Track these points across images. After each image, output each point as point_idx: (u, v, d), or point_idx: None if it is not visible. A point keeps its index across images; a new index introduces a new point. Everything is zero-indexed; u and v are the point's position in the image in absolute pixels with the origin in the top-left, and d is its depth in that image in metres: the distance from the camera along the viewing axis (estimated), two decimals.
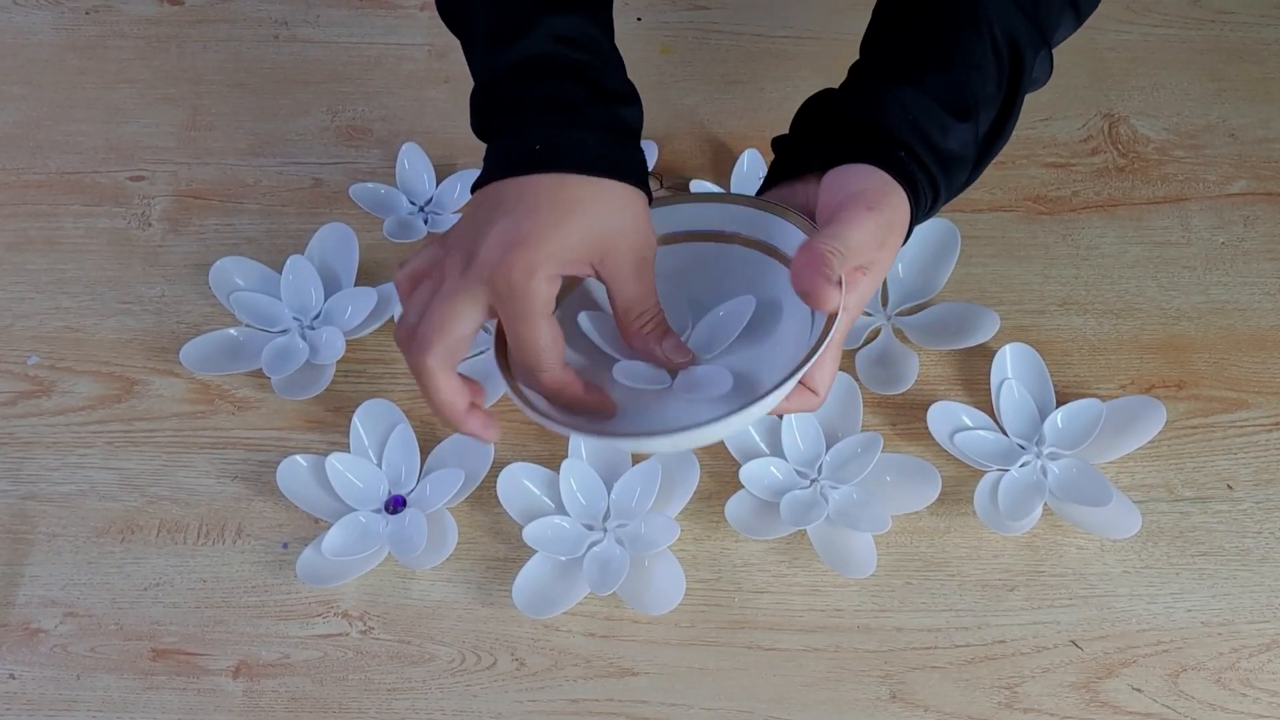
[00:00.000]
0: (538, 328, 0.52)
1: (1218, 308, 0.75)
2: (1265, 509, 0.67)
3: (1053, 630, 0.63)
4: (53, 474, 0.68)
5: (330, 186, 0.80)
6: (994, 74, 0.58)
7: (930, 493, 0.65)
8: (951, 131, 0.56)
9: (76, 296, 0.75)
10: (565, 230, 0.52)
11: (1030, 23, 0.58)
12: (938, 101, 0.56)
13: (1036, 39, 0.59)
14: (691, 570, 0.64)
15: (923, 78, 0.57)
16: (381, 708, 0.61)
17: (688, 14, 0.90)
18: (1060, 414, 0.68)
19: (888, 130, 0.56)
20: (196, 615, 0.64)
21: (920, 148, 0.56)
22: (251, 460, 0.69)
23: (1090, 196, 0.80)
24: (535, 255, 0.51)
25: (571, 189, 0.53)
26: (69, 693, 0.61)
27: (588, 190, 0.53)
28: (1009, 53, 0.58)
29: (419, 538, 0.63)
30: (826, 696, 0.61)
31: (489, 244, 0.52)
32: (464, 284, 0.52)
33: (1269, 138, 0.83)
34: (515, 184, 0.53)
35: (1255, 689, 0.61)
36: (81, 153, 0.82)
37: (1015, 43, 0.58)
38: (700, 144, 0.82)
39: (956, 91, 0.57)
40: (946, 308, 0.73)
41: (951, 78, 0.57)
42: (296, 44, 0.89)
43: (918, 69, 0.57)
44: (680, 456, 0.66)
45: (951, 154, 0.57)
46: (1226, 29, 0.89)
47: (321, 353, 0.71)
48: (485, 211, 0.54)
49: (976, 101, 0.57)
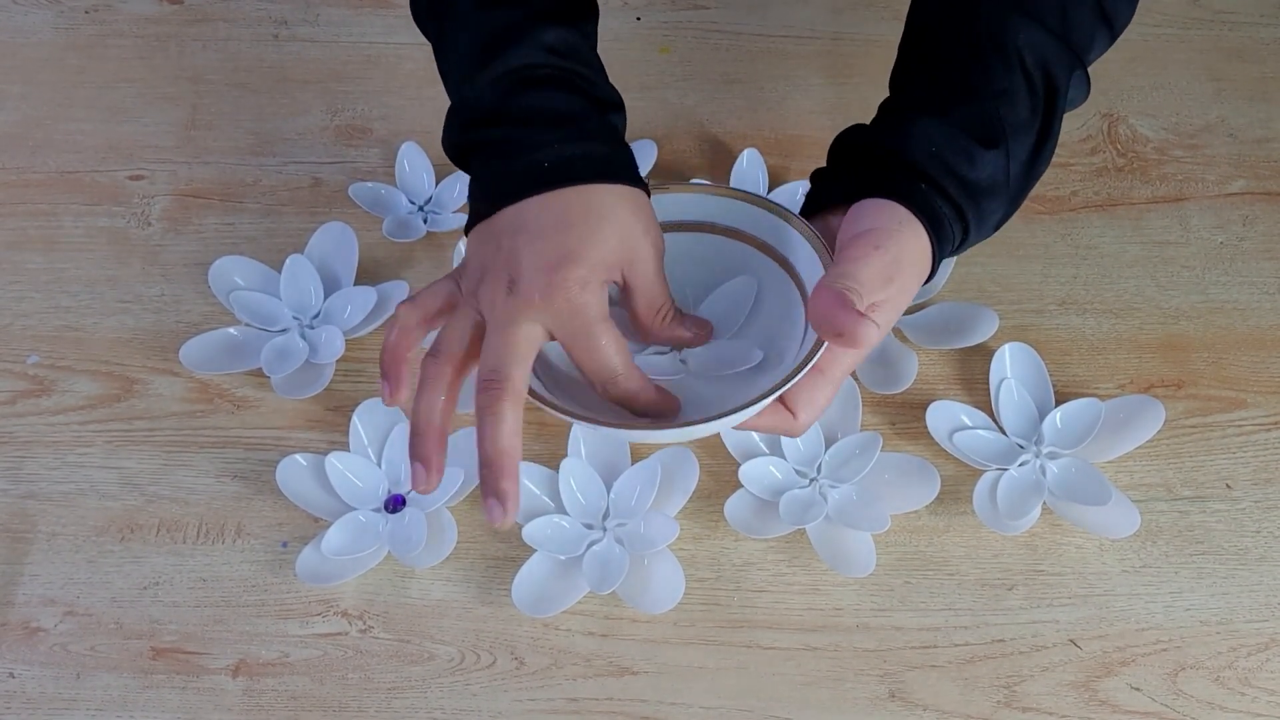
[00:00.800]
0: (607, 337, 0.52)
1: (1217, 307, 0.75)
2: (1264, 508, 0.67)
3: (1052, 629, 0.63)
4: (52, 473, 0.68)
5: (330, 186, 0.80)
6: (1026, 100, 0.57)
7: (929, 492, 0.65)
8: (979, 160, 0.56)
9: (76, 295, 0.75)
10: (603, 239, 0.52)
11: (1061, 44, 0.57)
12: (964, 131, 0.56)
13: (1069, 60, 0.58)
14: (691, 569, 0.64)
15: (948, 108, 0.57)
16: (381, 707, 0.61)
17: (687, 14, 0.90)
18: (1059, 413, 0.68)
19: (910, 162, 0.56)
20: (196, 614, 0.64)
21: (945, 179, 0.55)
22: (251, 459, 0.69)
23: (1089, 196, 0.80)
24: (585, 268, 0.51)
25: (597, 198, 0.53)
26: (68, 691, 0.61)
27: (611, 198, 0.54)
28: (1041, 77, 0.57)
29: (418, 537, 0.63)
30: (826, 695, 0.61)
31: (532, 266, 0.52)
32: (517, 311, 0.51)
33: (1268, 138, 0.83)
34: (535, 204, 0.53)
35: (1254, 688, 0.61)
36: (81, 152, 0.82)
37: (1046, 66, 0.57)
38: (700, 144, 0.82)
39: (983, 120, 0.56)
40: (946, 307, 0.73)
41: (978, 107, 0.56)
42: (296, 43, 0.89)
43: (942, 100, 0.57)
44: (680, 456, 0.66)
45: (980, 184, 0.56)
46: (1226, 29, 0.89)
47: (321, 352, 0.71)
48: (509, 237, 0.53)
49: (1005, 129, 0.56)
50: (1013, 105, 0.57)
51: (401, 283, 0.74)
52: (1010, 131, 0.57)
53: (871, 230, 0.54)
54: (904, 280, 0.54)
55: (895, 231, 0.54)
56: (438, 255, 0.77)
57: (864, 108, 0.61)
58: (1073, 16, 0.58)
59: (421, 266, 0.76)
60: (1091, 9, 0.59)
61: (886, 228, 0.54)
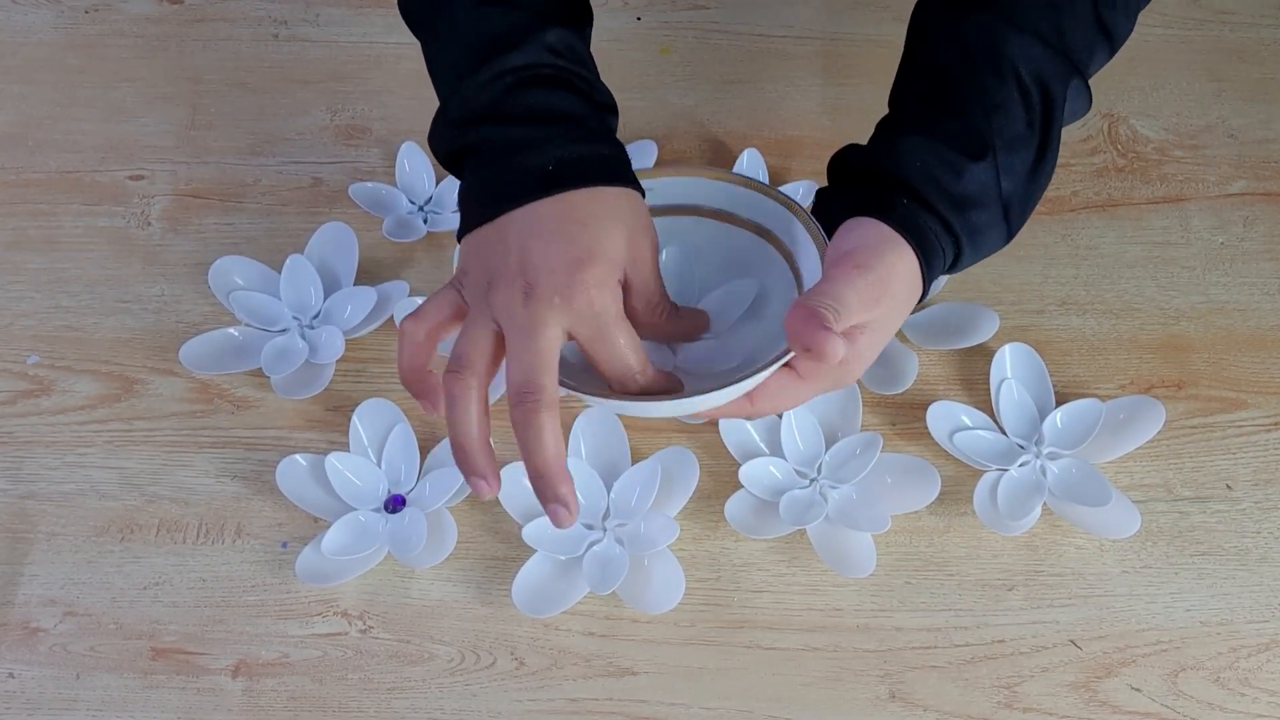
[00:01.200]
0: (625, 336, 0.53)
1: (1217, 308, 0.75)
2: (1264, 509, 0.67)
3: (1052, 630, 0.63)
4: (52, 473, 0.68)
5: (330, 186, 0.80)
6: (1021, 113, 0.57)
7: (929, 492, 0.65)
8: (965, 173, 0.56)
9: (76, 296, 0.75)
10: (615, 239, 0.53)
11: (1058, 55, 0.57)
12: (950, 145, 0.56)
13: (1066, 70, 0.58)
14: (691, 570, 0.64)
15: (936, 124, 0.57)
16: (381, 707, 0.61)
17: (688, 14, 0.90)
18: (1059, 414, 0.68)
19: (894, 179, 0.56)
20: (196, 614, 0.64)
21: (931, 193, 0.55)
22: (251, 459, 0.69)
23: (1090, 196, 0.80)
24: (602, 268, 0.52)
25: (605, 200, 0.54)
26: (68, 692, 0.61)
27: (616, 199, 0.54)
28: (1037, 90, 0.57)
29: (418, 537, 0.63)
30: (825, 696, 0.61)
31: (548, 268, 0.51)
32: (538, 316, 0.51)
33: (1269, 138, 0.83)
34: (546, 205, 0.53)
35: (1254, 688, 0.61)
36: (81, 152, 0.82)
37: (1043, 79, 0.57)
38: (699, 143, 0.82)
39: (970, 133, 0.56)
40: (946, 307, 0.73)
41: (966, 121, 0.56)
42: (296, 43, 0.89)
43: (933, 116, 0.57)
44: (680, 457, 0.66)
45: (967, 197, 0.56)
46: (1226, 29, 0.89)
47: (321, 352, 0.71)
48: (517, 239, 0.53)
49: (994, 141, 0.56)
50: (1006, 118, 0.57)
51: (402, 283, 0.74)
52: (1000, 144, 0.56)
53: (855, 249, 0.54)
54: (892, 300, 0.54)
55: (879, 249, 0.54)
56: (438, 255, 0.77)
57: (863, 108, 0.61)
58: (1070, 29, 0.58)
59: (421, 266, 0.76)
60: (1089, 21, 0.59)
61: (870, 246, 0.54)
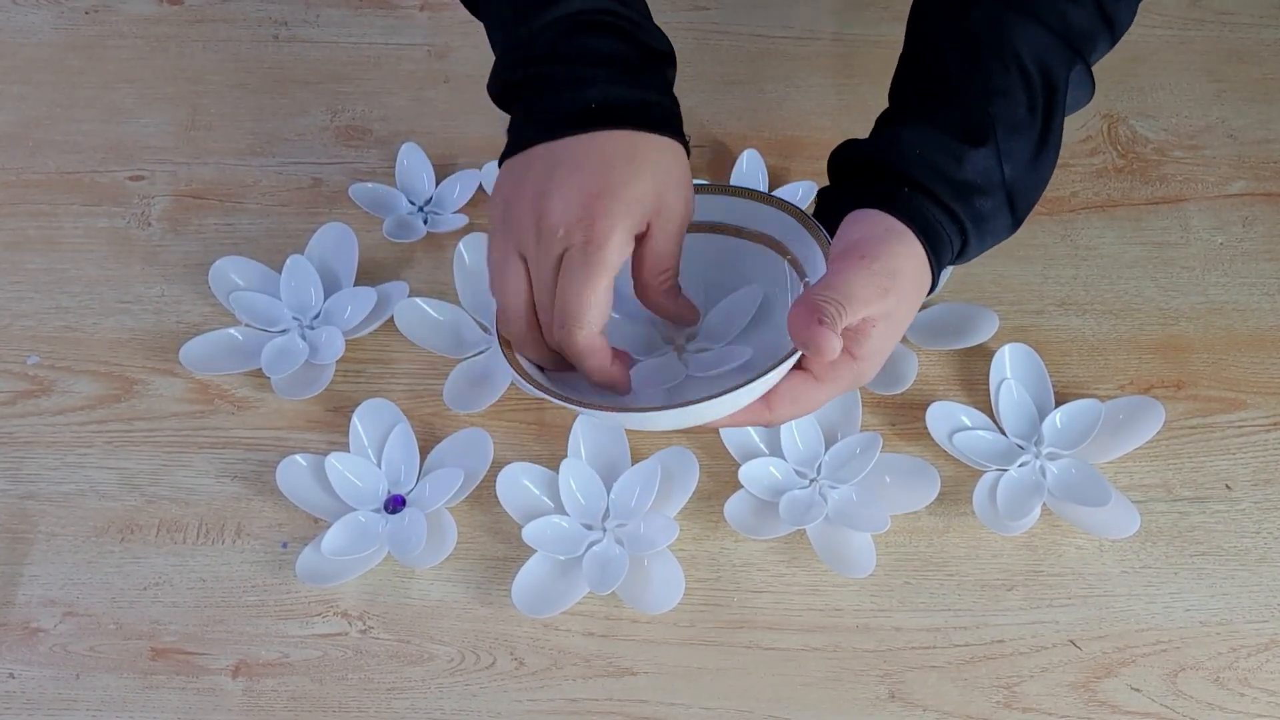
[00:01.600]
0: (600, 282, 0.52)
1: (1216, 308, 0.75)
2: (1263, 509, 0.67)
3: (1051, 630, 0.63)
4: (52, 473, 0.68)
5: (330, 186, 0.80)
6: (1024, 99, 0.57)
7: (929, 493, 0.65)
8: (966, 160, 0.56)
9: (76, 296, 0.75)
10: (640, 186, 0.52)
11: (1060, 41, 0.57)
12: (950, 132, 0.56)
13: (1068, 56, 0.58)
14: (690, 570, 0.64)
15: (937, 112, 0.57)
16: (381, 707, 0.61)
17: (688, 14, 0.90)
18: (1059, 414, 0.68)
19: (895, 169, 0.55)
20: (196, 615, 0.64)
21: (933, 181, 0.55)
22: (251, 460, 0.69)
23: (1089, 197, 0.80)
24: (616, 208, 0.51)
25: (640, 145, 0.53)
26: (68, 692, 0.61)
27: (653, 146, 0.53)
28: (1040, 75, 0.57)
29: (418, 537, 0.63)
30: (825, 696, 0.61)
31: (562, 197, 0.51)
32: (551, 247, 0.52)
33: (1268, 138, 0.83)
34: (577, 142, 0.53)
35: (1253, 688, 0.61)
36: (81, 152, 0.82)
37: (1045, 64, 0.57)
38: (700, 144, 0.82)
39: (971, 119, 0.56)
40: (945, 308, 0.73)
41: (966, 107, 0.56)
42: (296, 44, 0.89)
43: (933, 105, 0.57)
44: (680, 457, 0.66)
45: (970, 183, 0.56)
46: (1226, 29, 0.89)
47: (321, 352, 0.71)
48: (543, 169, 0.53)
49: (995, 126, 0.56)
50: (1008, 104, 0.57)
51: (402, 283, 0.74)
52: (1002, 129, 0.56)
53: (860, 241, 0.53)
54: (902, 292, 0.53)
55: (884, 240, 0.53)
56: (438, 256, 0.77)
57: (864, 108, 0.61)
58: (1072, 15, 0.58)
59: (421, 267, 0.76)
60: (1092, 9, 0.59)
61: (874, 237, 0.54)
